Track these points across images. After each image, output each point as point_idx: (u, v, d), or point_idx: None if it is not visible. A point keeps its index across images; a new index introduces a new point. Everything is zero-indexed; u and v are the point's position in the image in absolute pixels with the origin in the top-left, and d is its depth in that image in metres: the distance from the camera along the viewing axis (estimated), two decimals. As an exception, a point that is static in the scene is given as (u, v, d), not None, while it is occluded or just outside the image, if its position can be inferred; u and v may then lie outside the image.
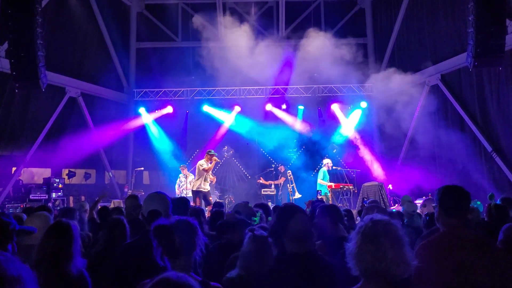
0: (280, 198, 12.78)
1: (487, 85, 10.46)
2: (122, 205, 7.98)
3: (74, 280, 2.52)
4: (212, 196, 10.76)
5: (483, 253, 2.35)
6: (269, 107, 14.43)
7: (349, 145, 14.37)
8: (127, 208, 4.57)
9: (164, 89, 14.24)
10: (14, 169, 11.11)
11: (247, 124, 14.30)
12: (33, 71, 7.94)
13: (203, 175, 10.02)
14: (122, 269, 2.80)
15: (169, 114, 14.45)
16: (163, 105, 14.44)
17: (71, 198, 11.75)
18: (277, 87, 14.27)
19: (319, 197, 10.93)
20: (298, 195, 12.41)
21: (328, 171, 12.02)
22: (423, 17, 12.97)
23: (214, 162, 10.25)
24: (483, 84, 10.60)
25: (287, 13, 15.12)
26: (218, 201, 9.17)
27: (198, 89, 14.24)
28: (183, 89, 14.27)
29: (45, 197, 10.86)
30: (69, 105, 12.78)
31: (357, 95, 14.17)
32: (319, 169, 12.57)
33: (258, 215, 4.07)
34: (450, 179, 10.74)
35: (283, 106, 14.39)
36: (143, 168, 13.87)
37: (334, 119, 14.54)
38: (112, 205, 10.44)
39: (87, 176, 13.25)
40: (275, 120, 14.31)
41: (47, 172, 12.17)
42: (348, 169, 13.06)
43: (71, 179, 12.40)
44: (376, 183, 11.49)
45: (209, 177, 10.21)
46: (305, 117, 14.59)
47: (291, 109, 14.52)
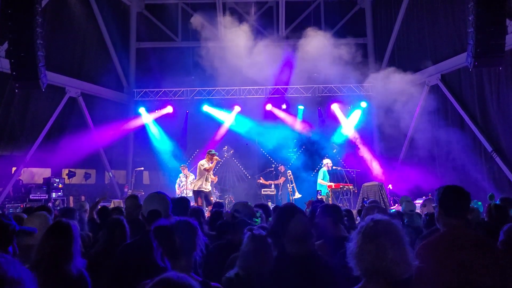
0: (280, 198, 12.78)
1: (487, 85, 10.46)
2: (122, 205, 7.97)
3: (74, 280, 2.52)
4: (212, 196, 10.76)
5: (483, 253, 2.35)
6: (269, 107, 14.42)
7: (349, 145, 14.37)
8: (127, 208, 4.57)
9: (164, 89, 14.23)
10: (14, 169, 11.11)
11: (247, 124, 14.28)
12: (33, 71, 7.95)
13: (204, 175, 10.04)
14: (122, 269, 2.80)
15: (169, 114, 14.43)
16: (163, 105, 14.43)
17: (71, 198, 11.75)
18: (277, 87, 14.25)
19: (319, 197, 10.94)
20: (298, 195, 12.41)
21: (328, 171, 12.03)
22: (423, 17, 12.96)
23: (215, 161, 10.29)
24: (483, 84, 10.60)
25: (287, 13, 15.11)
26: (218, 201, 9.17)
27: (198, 89, 14.24)
28: (183, 89, 14.26)
29: (45, 197, 10.86)
30: (69, 105, 12.77)
31: (357, 95, 14.16)
32: (319, 169, 12.58)
33: (258, 216, 4.06)
34: (450, 179, 10.74)
35: (283, 106, 14.38)
36: (143, 168, 13.87)
37: (334, 119, 14.52)
38: (112, 205, 10.42)
39: (87, 176, 13.24)
40: (275, 120, 14.30)
41: (47, 172, 12.17)
42: (348, 169, 13.05)
43: (71, 179, 12.39)
44: (376, 183, 11.48)
45: (210, 177, 10.23)
46: (305, 117, 14.58)
47: (291, 109, 14.51)
